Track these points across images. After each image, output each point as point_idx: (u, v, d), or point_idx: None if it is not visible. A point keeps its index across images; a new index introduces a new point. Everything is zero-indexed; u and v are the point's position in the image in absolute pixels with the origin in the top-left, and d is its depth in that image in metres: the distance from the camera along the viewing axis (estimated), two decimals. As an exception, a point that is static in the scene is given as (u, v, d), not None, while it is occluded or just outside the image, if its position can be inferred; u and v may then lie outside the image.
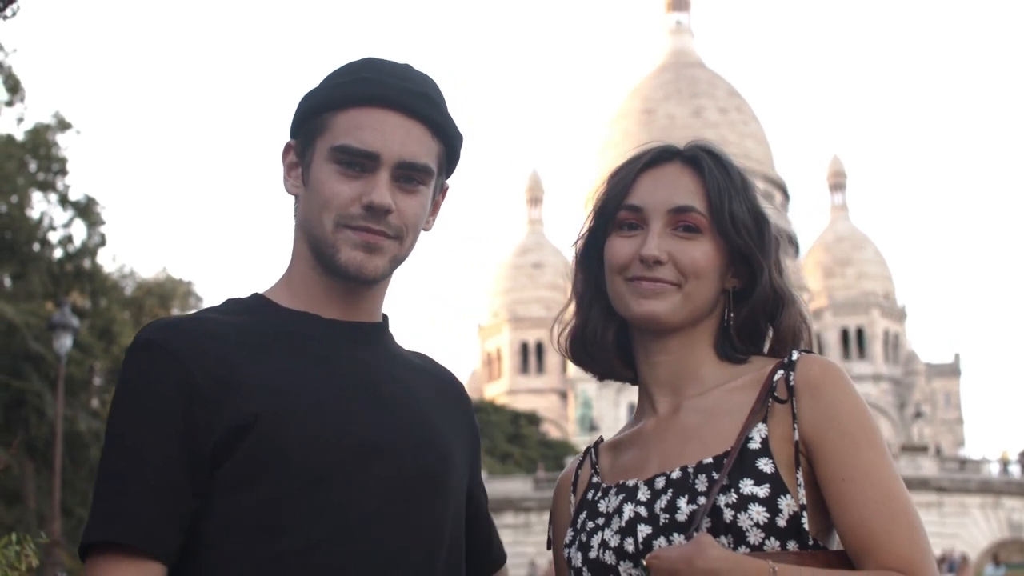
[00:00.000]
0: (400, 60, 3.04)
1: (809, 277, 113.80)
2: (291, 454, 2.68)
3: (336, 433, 2.73)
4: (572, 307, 3.10)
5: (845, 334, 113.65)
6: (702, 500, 2.66)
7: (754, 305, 2.89)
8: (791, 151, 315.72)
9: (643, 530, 2.71)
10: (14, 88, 45.66)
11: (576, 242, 3.10)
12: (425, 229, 2.99)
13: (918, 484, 73.93)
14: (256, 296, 3.02)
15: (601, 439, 3.10)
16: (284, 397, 2.73)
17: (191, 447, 2.69)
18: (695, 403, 2.85)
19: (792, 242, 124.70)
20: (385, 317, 3.07)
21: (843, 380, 2.72)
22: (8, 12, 6.83)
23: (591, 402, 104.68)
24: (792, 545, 2.62)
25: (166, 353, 2.75)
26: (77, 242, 47.44)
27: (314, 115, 2.93)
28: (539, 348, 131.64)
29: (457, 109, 3.08)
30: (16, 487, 37.87)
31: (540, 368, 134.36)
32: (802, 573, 2.56)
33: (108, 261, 44.86)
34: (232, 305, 3.00)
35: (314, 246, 2.91)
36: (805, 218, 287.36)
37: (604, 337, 3.01)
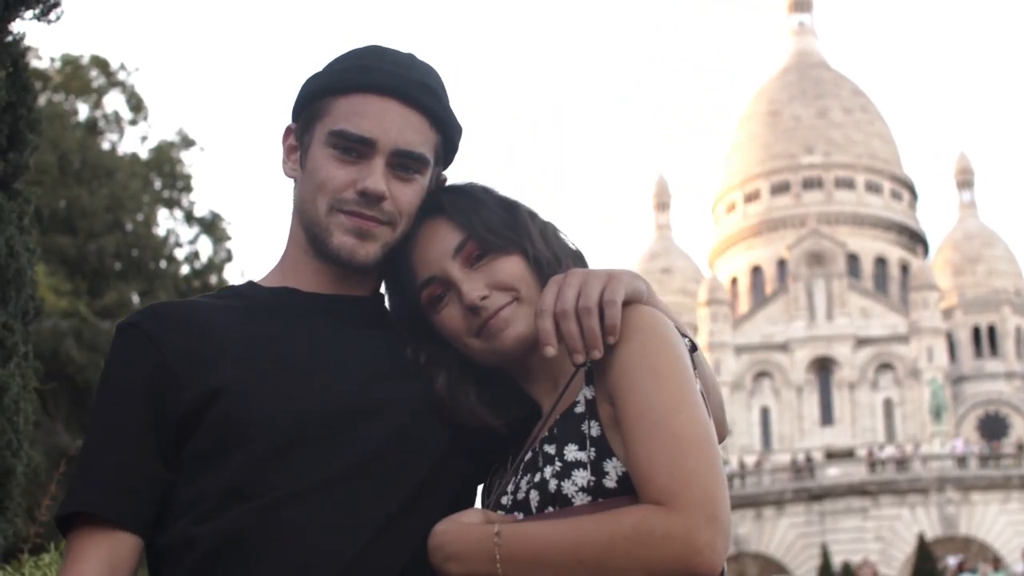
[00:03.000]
0: (406, 50, 3.04)
1: (939, 275, 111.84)
2: (253, 423, 2.71)
3: (302, 401, 2.75)
4: None
5: (976, 332, 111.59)
6: (538, 476, 2.65)
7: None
8: (918, 149, 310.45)
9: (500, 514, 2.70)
10: (137, 107, 46.73)
11: None
12: None
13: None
14: (248, 282, 3.08)
15: None
16: (247, 370, 2.77)
17: (159, 422, 2.76)
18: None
19: (921, 241, 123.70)
20: (379, 295, 3.06)
21: (636, 321, 2.66)
22: (52, 16, 6.90)
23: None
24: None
25: (140, 334, 2.83)
26: (203, 258, 47.75)
27: (314, 99, 2.96)
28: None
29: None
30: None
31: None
32: (528, 528, 2.53)
33: (235, 276, 44.53)
34: (224, 291, 3.06)
35: (308, 229, 2.94)
36: (934, 217, 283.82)
37: None
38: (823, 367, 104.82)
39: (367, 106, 2.87)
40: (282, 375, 2.78)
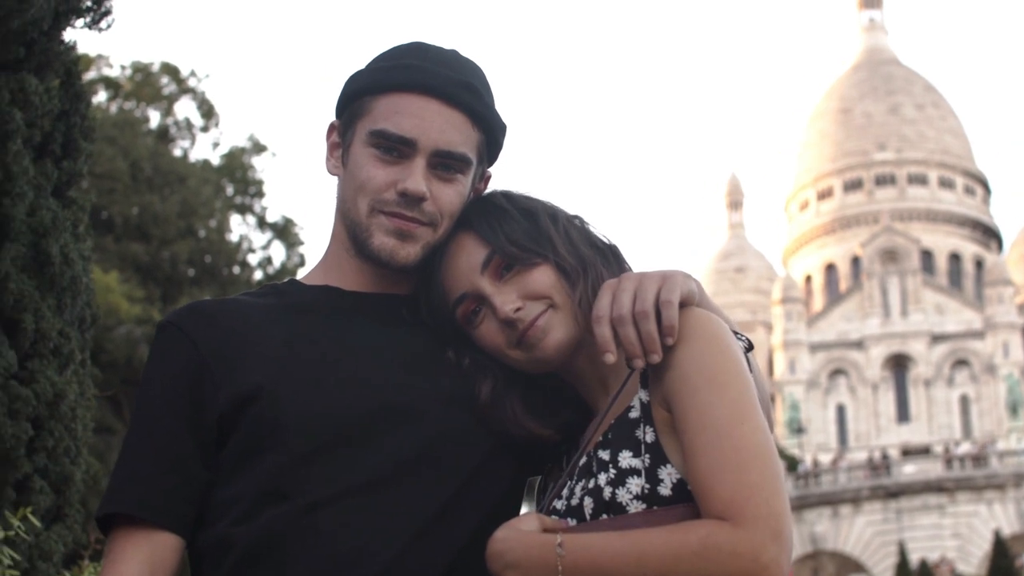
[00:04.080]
0: (448, 46, 3.01)
1: (1014, 270, 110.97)
2: (292, 423, 2.70)
3: (341, 401, 2.73)
4: None
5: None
6: (592, 482, 2.63)
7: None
8: (991, 144, 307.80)
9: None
10: (208, 113, 47.08)
11: None
12: None
13: None
14: (289, 280, 3.06)
15: None
16: (288, 368, 2.75)
17: (198, 421, 2.75)
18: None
19: (995, 236, 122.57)
20: None
21: (694, 325, 2.63)
22: (103, 24, 6.91)
23: (799, 405, 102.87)
24: None
25: (180, 333, 2.82)
26: (276, 263, 47.65)
27: (356, 97, 2.93)
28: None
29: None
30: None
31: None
32: (592, 539, 2.49)
33: None
34: (264, 288, 3.04)
35: (349, 228, 2.92)
36: (1008, 212, 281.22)
37: None
38: (898, 364, 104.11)
39: (408, 105, 2.84)
40: (322, 375, 2.75)
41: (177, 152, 46.37)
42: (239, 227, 47.68)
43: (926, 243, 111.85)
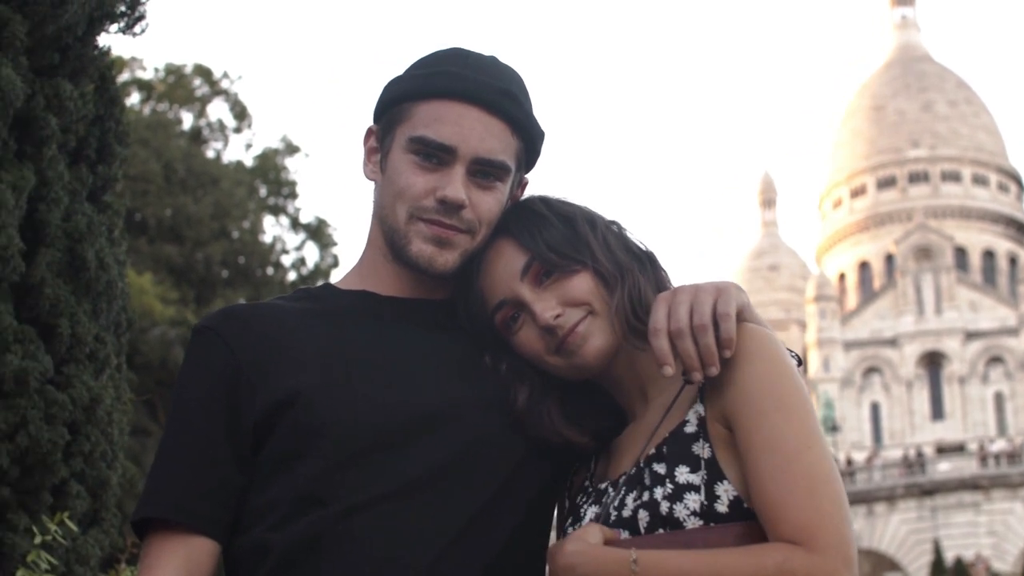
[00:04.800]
0: (487, 52, 3.00)
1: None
2: (329, 428, 2.69)
3: (377, 406, 2.72)
4: None
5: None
6: (647, 495, 2.61)
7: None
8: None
9: None
10: (241, 115, 47.10)
11: None
12: None
13: None
14: (324, 284, 3.07)
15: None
16: (324, 373, 2.75)
17: (234, 426, 2.75)
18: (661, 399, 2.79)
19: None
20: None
21: (753, 343, 2.63)
22: (137, 29, 6.98)
23: (833, 403, 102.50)
24: None
25: (216, 337, 2.82)
26: (310, 264, 47.60)
27: (396, 103, 2.92)
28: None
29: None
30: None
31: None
32: (666, 557, 2.47)
33: None
34: (300, 292, 3.03)
35: (387, 234, 2.91)
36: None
37: None
38: (933, 361, 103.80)
39: (448, 112, 2.84)
40: (358, 380, 2.75)
41: (210, 154, 46.48)
42: (272, 228, 47.74)
43: (960, 240, 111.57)
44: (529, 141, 2.97)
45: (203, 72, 46.80)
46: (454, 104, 2.84)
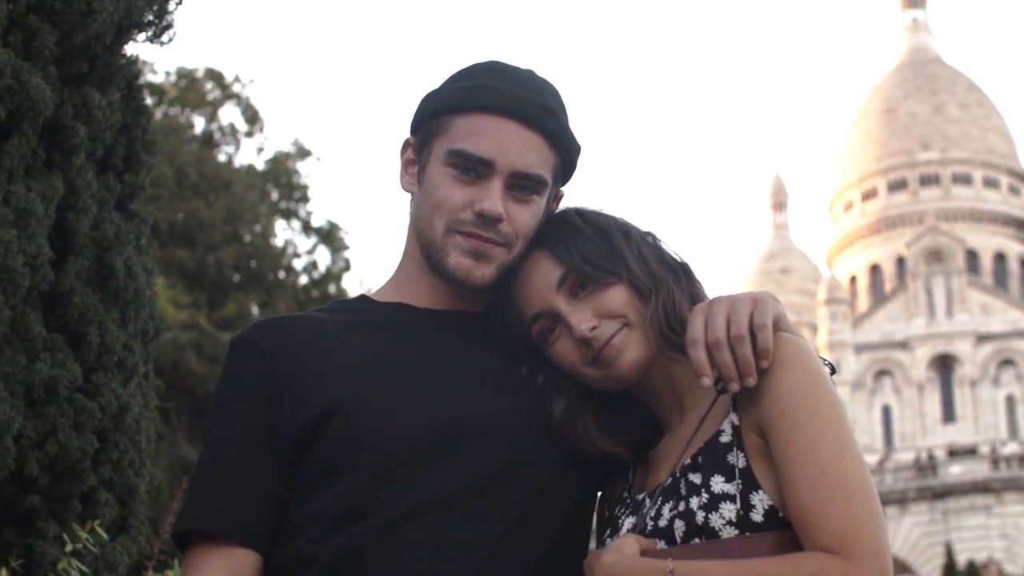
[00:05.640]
0: (524, 66, 3.01)
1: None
2: (369, 441, 2.70)
3: (417, 419, 2.72)
4: None
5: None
6: (683, 505, 2.62)
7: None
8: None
9: None
10: (252, 119, 47.06)
11: None
12: None
13: None
14: (361, 296, 3.08)
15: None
16: (364, 386, 2.75)
17: (274, 438, 2.76)
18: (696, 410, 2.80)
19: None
20: None
21: (788, 353, 2.64)
22: (164, 38, 7.05)
23: (844, 406, 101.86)
24: None
25: (255, 349, 2.83)
26: (322, 268, 47.85)
27: (434, 116, 2.93)
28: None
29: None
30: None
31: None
32: (703, 567, 2.48)
33: (354, 286, 44.52)
34: (336, 304, 3.05)
35: (424, 246, 2.92)
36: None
37: None
38: (944, 364, 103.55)
39: (486, 126, 2.84)
40: (397, 392, 2.76)
41: (222, 158, 46.48)
42: (284, 232, 47.82)
43: (971, 243, 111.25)
44: (566, 155, 2.98)
45: (215, 76, 46.82)
46: (492, 118, 2.85)
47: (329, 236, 47.76)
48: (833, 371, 2.77)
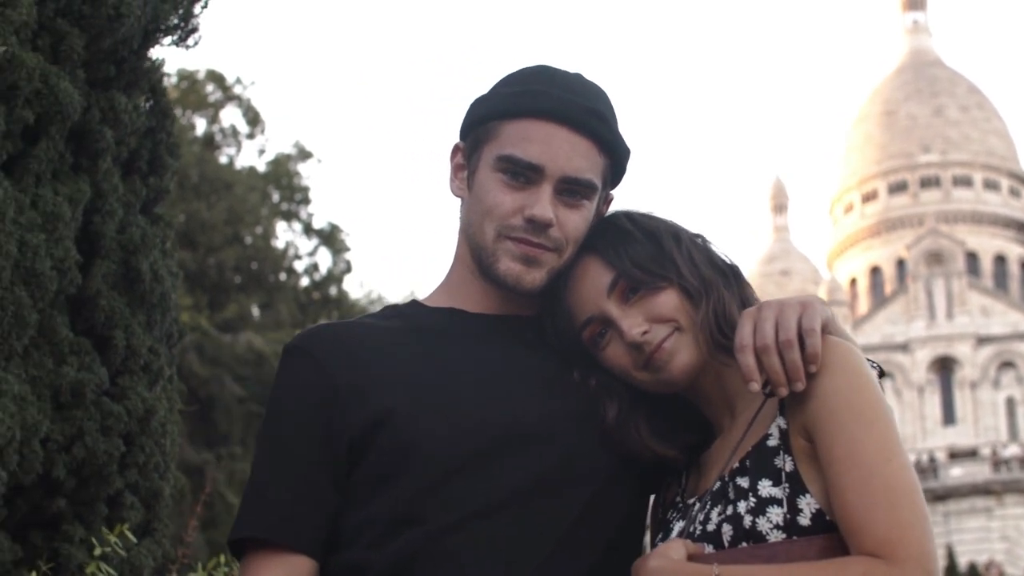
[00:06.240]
0: (572, 70, 3.01)
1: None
2: (424, 447, 2.70)
3: (469, 425, 2.73)
4: None
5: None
6: (731, 509, 2.63)
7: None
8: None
9: None
10: (254, 120, 46.94)
11: None
12: None
13: None
14: (412, 301, 3.08)
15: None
16: (418, 392, 2.75)
17: (329, 445, 2.76)
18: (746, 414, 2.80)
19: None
20: None
21: (835, 356, 2.65)
22: (190, 42, 7.12)
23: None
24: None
25: (309, 357, 2.84)
26: (323, 270, 47.86)
27: (483, 121, 2.93)
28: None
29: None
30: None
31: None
32: (749, 572, 2.50)
33: (355, 288, 44.44)
34: (387, 310, 3.05)
35: (475, 251, 2.92)
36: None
37: None
38: (944, 366, 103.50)
39: (536, 132, 2.84)
40: (452, 397, 2.76)
41: (223, 159, 46.44)
42: (285, 234, 47.95)
43: (971, 245, 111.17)
44: (615, 158, 2.98)
45: (216, 78, 46.75)
46: (542, 123, 2.85)
47: (330, 238, 47.79)
48: (882, 374, 2.77)
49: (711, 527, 2.65)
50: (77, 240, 6.05)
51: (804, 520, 2.56)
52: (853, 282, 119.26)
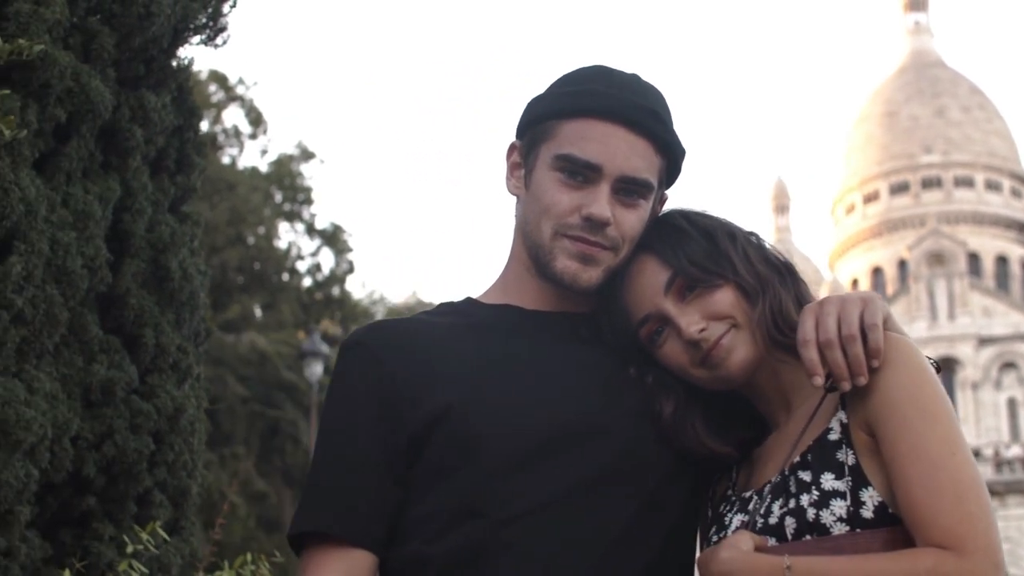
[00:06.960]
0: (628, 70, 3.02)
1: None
2: (483, 441, 2.73)
3: (528, 419, 2.75)
4: None
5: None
6: (793, 502, 2.66)
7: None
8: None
9: None
10: (256, 121, 47.20)
11: None
12: None
13: None
14: (467, 298, 3.10)
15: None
16: (476, 387, 2.78)
17: (390, 440, 2.79)
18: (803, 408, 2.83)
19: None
20: None
21: (896, 352, 2.65)
22: (219, 41, 7.12)
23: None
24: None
25: (369, 353, 2.87)
26: (325, 270, 48.26)
27: (540, 121, 2.96)
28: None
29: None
30: (275, 515, 38.63)
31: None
32: (819, 563, 2.51)
33: (357, 288, 44.60)
34: (443, 307, 3.08)
35: (531, 249, 2.94)
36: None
37: None
38: (946, 367, 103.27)
39: (594, 131, 2.87)
40: (510, 392, 2.79)
41: (226, 160, 46.53)
42: (288, 234, 48.31)
43: (973, 246, 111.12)
44: (671, 158, 3.01)
45: (218, 78, 46.80)
46: (600, 123, 2.88)
47: (333, 238, 48.10)
48: (939, 369, 2.78)
49: (773, 520, 2.67)
50: (107, 238, 6.05)
51: (867, 513, 2.58)
52: (855, 283, 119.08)
